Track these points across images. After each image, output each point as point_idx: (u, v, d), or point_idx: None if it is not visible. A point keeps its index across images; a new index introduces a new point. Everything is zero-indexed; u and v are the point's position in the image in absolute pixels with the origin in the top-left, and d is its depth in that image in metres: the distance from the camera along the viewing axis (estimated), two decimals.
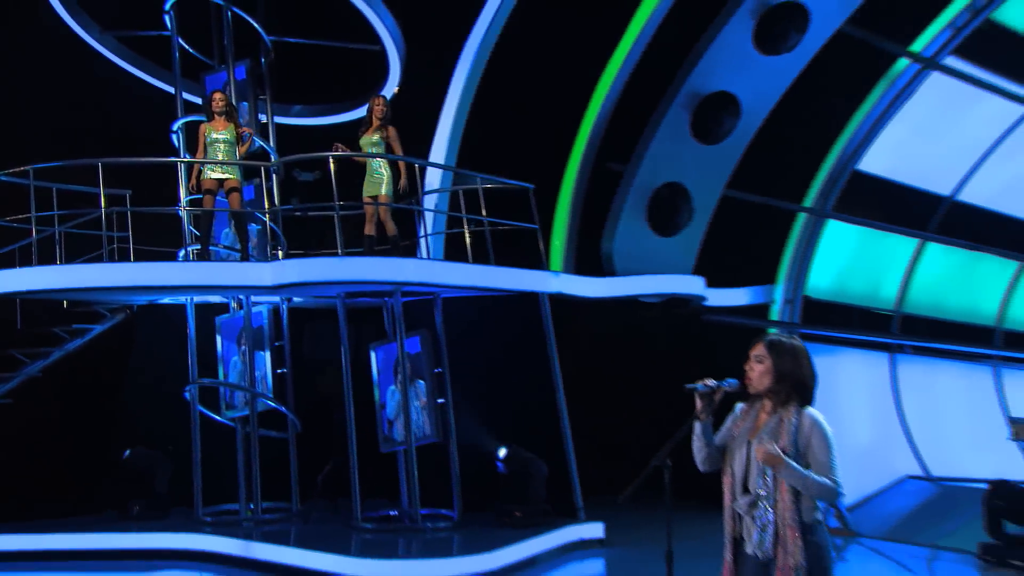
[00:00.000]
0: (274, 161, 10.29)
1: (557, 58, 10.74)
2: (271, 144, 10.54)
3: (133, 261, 9.15)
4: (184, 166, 9.90)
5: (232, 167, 9.27)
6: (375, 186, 9.28)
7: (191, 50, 10.91)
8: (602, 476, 10.22)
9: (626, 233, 11.02)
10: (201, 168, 9.24)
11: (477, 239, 9.77)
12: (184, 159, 10.05)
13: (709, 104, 10.69)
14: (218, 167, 9.18)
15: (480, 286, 9.40)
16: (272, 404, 9.89)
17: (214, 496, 9.89)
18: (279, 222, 10.17)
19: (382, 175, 9.25)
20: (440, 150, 11.01)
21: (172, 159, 10.25)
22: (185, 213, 10.01)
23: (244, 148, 9.46)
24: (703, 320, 11.61)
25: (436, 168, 10.96)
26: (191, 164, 9.49)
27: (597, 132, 10.99)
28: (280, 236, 10.07)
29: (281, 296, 10.05)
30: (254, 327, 10.09)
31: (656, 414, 9.68)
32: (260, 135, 10.38)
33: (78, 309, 10.23)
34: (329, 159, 8.96)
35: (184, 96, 10.65)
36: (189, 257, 9.84)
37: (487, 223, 9.64)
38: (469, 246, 9.78)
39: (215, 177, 9.23)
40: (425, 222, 10.20)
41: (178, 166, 10.05)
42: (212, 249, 9.74)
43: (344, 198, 8.93)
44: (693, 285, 10.97)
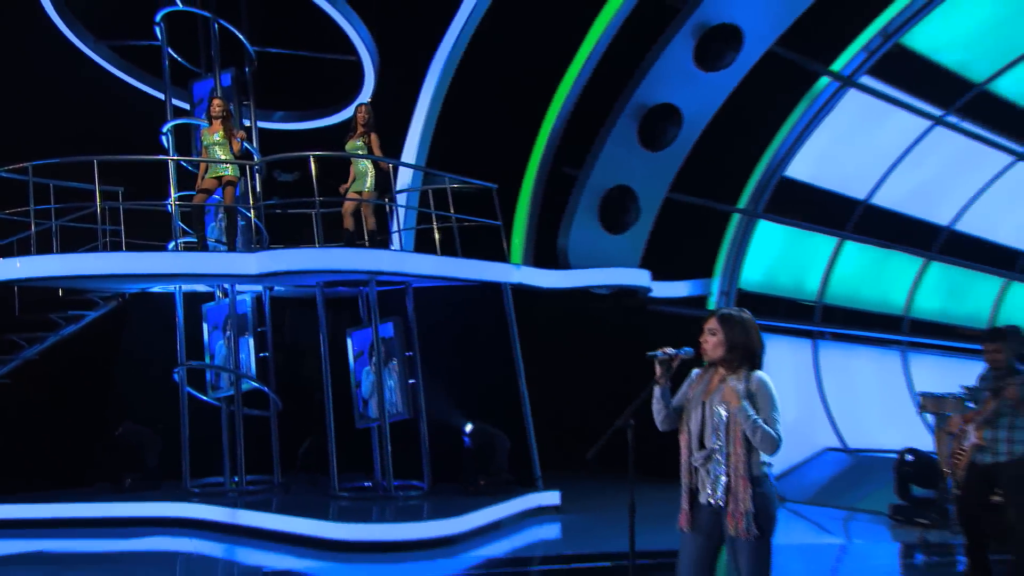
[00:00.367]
0: (257, 160, 10.18)
1: (518, 70, 10.78)
2: (255, 146, 10.43)
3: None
4: (181, 168, 9.78)
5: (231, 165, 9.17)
6: (359, 182, 9.27)
7: (180, 59, 10.75)
8: (559, 450, 10.32)
9: (580, 230, 11.12)
10: (205, 169, 9.14)
11: (445, 235, 9.79)
12: (172, 157, 9.90)
13: (654, 115, 10.84)
14: (219, 167, 9.07)
15: (449, 276, 9.41)
16: (255, 384, 9.78)
17: (201, 470, 9.75)
18: (262, 217, 10.06)
19: (366, 174, 9.24)
20: (411, 151, 10.99)
21: (162, 157, 10.08)
22: (174, 209, 9.85)
23: (237, 146, 9.35)
24: (648, 310, 11.74)
25: (408, 168, 10.93)
26: (186, 163, 9.37)
27: (554, 139, 11.06)
28: (263, 230, 9.97)
29: (264, 285, 9.95)
30: (238, 314, 9.98)
31: (606, 394, 9.79)
32: (246, 138, 10.25)
33: (73, 297, 10.03)
34: (309, 160, 8.92)
35: (173, 102, 10.50)
36: (178, 249, 9.69)
37: (455, 219, 9.66)
38: (438, 241, 9.78)
39: (215, 176, 9.14)
40: (398, 218, 10.17)
41: (167, 165, 9.90)
42: (205, 243, 9.62)
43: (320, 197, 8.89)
44: (640, 278, 11.10)
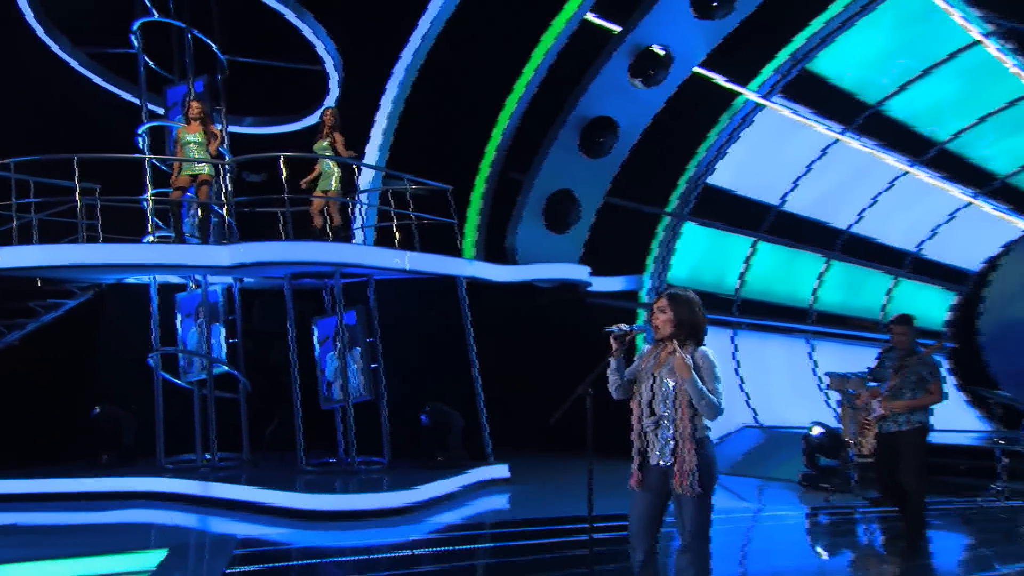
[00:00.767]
0: (229, 160, 9.94)
1: (472, 82, 10.77)
2: (226, 147, 10.18)
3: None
4: (160, 165, 9.49)
5: (206, 164, 8.92)
6: (326, 181, 9.13)
7: (154, 66, 10.43)
8: (508, 428, 10.35)
9: (526, 229, 11.13)
10: (180, 167, 8.88)
11: (404, 232, 9.70)
12: (148, 156, 9.61)
13: (593, 126, 10.89)
14: (194, 165, 8.83)
15: (408, 269, 9.32)
16: (225, 368, 9.54)
17: (175, 449, 9.46)
18: (232, 214, 9.83)
19: (332, 173, 9.10)
20: (373, 153, 10.86)
21: (139, 155, 9.78)
22: (150, 205, 9.56)
23: (214, 147, 9.12)
24: (587, 302, 11.80)
25: (370, 169, 10.79)
26: (163, 162, 9.11)
27: (503, 146, 11.05)
28: (234, 226, 9.74)
29: (235, 276, 9.71)
30: (210, 303, 9.73)
31: (550, 378, 9.83)
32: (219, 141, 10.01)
33: (51, 287, 9.66)
34: (279, 160, 8.75)
35: (148, 107, 10.19)
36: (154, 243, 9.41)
37: (413, 217, 9.57)
38: (397, 238, 9.68)
39: (191, 174, 8.89)
40: (361, 215, 10.04)
41: (143, 163, 9.60)
42: (184, 237, 9.36)
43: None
44: (580, 273, 11.14)
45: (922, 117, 12.65)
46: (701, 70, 11.12)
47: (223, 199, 9.63)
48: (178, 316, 9.84)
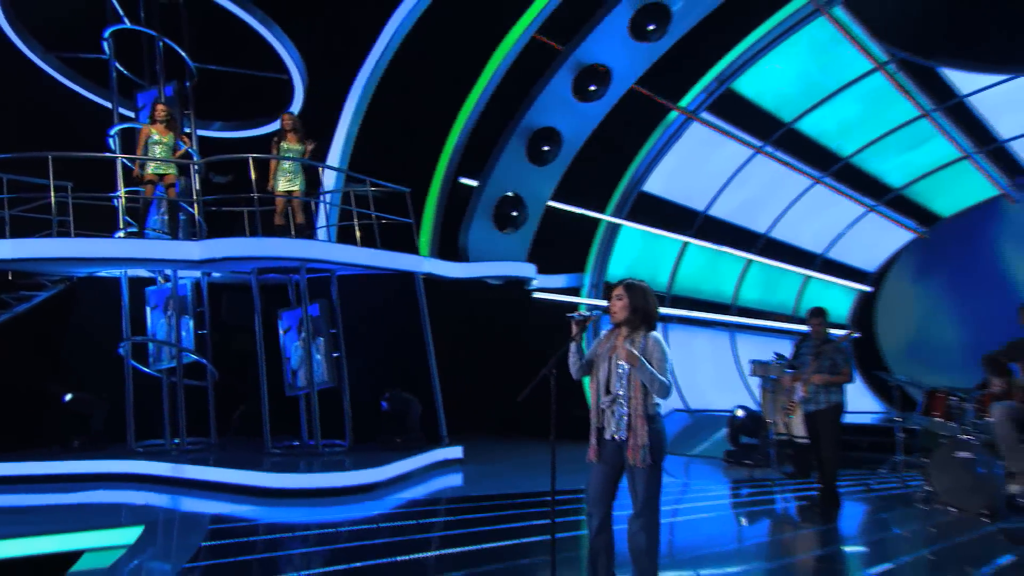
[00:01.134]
0: (197, 160, 9.67)
1: (429, 93, 10.69)
2: (195, 148, 9.89)
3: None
4: (130, 165, 9.15)
5: (171, 165, 8.65)
6: (290, 183, 8.94)
7: (125, 71, 10.07)
8: (462, 413, 10.32)
9: (477, 230, 11.12)
10: (143, 164, 8.58)
11: (365, 231, 9.58)
12: (119, 155, 9.28)
13: (539, 136, 10.97)
14: (161, 165, 8.55)
15: (368, 264, 9.21)
16: (193, 357, 9.29)
17: (144, 434, 9.14)
18: (201, 212, 9.55)
19: (297, 175, 8.93)
20: (335, 156, 10.70)
21: (111, 155, 9.43)
22: (122, 202, 9.23)
23: (179, 153, 8.88)
24: (532, 298, 11.87)
25: (333, 171, 10.61)
26: (132, 159, 8.79)
27: (456, 152, 11.04)
28: (202, 224, 9.47)
29: (203, 271, 9.46)
30: (179, 296, 9.45)
31: (500, 368, 9.86)
32: (190, 144, 9.72)
33: (23, 281, 9.24)
34: (248, 161, 8.55)
35: (120, 110, 9.84)
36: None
37: (374, 217, 9.46)
38: (359, 237, 9.56)
39: (157, 172, 8.61)
40: (325, 214, 9.88)
41: (116, 163, 9.27)
42: (144, 232, 9.04)
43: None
44: (527, 270, 11.20)
45: (829, 135, 12.99)
46: (637, 87, 11.27)
47: (192, 197, 9.36)
48: (147, 308, 9.53)
